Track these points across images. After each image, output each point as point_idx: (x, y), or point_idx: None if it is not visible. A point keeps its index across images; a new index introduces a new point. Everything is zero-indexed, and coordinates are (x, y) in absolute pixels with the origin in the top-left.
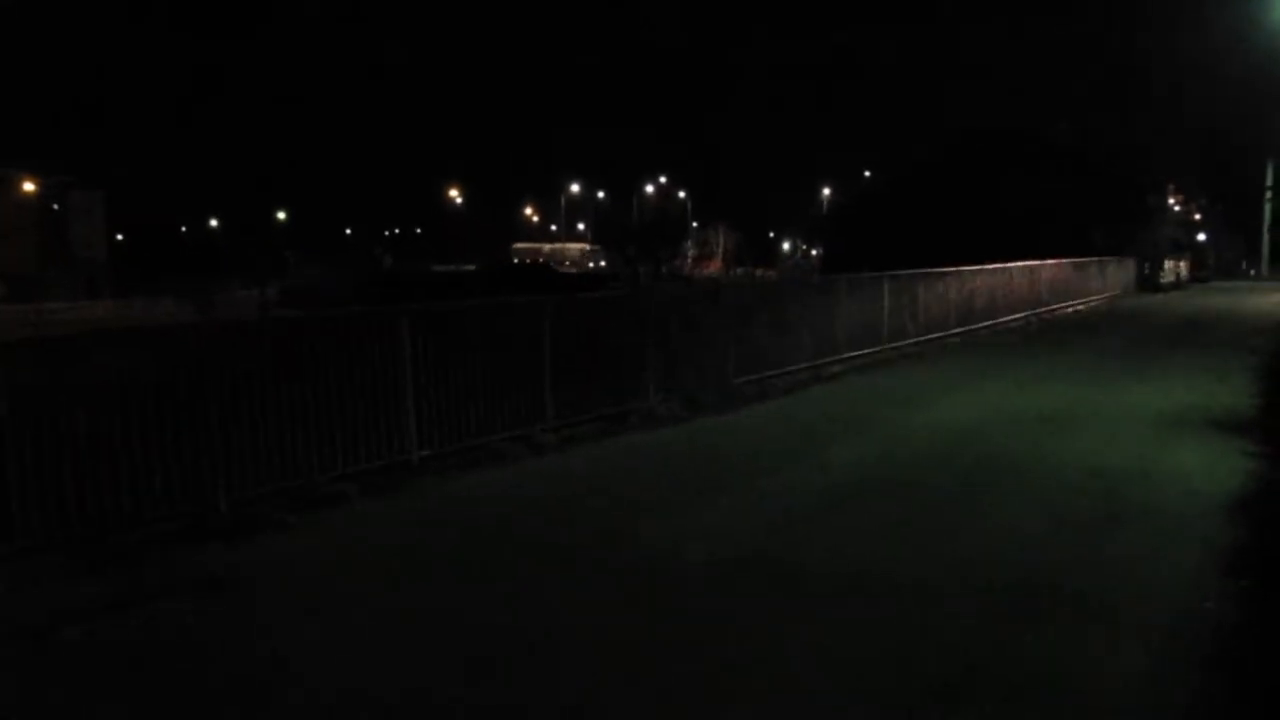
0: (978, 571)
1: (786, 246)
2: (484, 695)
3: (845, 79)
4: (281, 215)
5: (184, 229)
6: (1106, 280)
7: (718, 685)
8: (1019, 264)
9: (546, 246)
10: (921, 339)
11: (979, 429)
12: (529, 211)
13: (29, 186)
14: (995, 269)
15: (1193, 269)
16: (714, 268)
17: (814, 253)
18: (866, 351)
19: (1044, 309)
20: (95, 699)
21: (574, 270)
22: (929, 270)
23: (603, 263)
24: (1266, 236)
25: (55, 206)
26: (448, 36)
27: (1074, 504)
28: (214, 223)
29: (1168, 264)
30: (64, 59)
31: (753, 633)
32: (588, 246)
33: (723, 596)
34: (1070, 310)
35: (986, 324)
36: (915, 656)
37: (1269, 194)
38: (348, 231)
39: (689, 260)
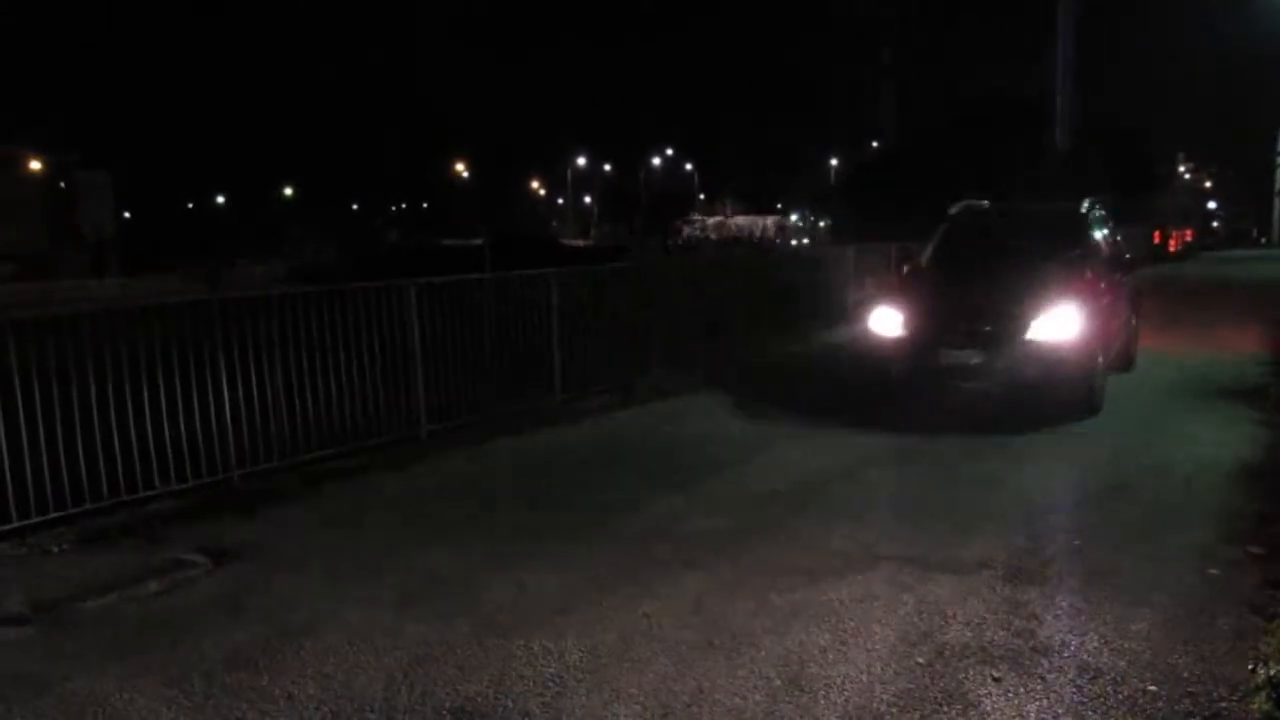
0: (980, 542)
1: (794, 218)
2: (488, 649)
3: (857, 45)
4: (288, 191)
5: (190, 205)
6: None
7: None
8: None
9: (738, 220)
10: None
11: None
12: (535, 185)
13: (36, 165)
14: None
15: (1202, 237)
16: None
17: (821, 224)
18: None
19: None
20: (119, 670)
21: (581, 244)
22: None
23: (804, 240)
24: (1277, 204)
25: (63, 185)
26: (451, 17)
27: (1079, 472)
28: (220, 199)
29: (1174, 233)
30: (69, 36)
31: (745, 601)
32: (771, 219)
33: (720, 563)
34: None
35: None
36: (931, 633)
37: None
38: (354, 207)
39: (697, 232)
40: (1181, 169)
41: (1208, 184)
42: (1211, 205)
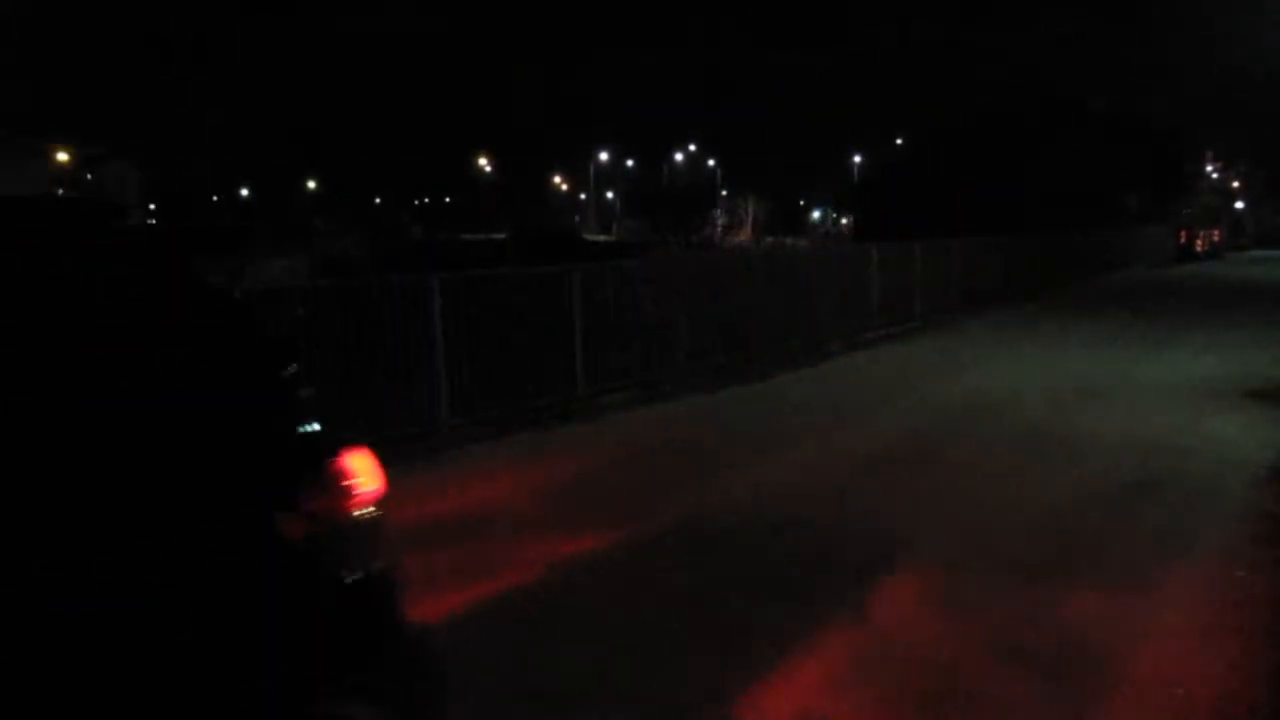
0: (1010, 540)
1: (817, 215)
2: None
3: (884, 40)
4: (312, 185)
5: (215, 198)
6: (1141, 248)
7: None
8: (1054, 233)
9: None
10: (957, 307)
11: (1012, 397)
12: (558, 180)
13: (62, 157)
14: (1028, 238)
15: (1229, 237)
16: (744, 237)
17: (844, 221)
18: (899, 319)
19: (1085, 275)
20: None
21: (604, 239)
22: (965, 238)
23: None
24: None
25: (89, 177)
26: (479, 7)
27: (1107, 471)
28: (245, 192)
29: (1201, 233)
30: (95, 29)
31: (776, 614)
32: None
33: (749, 563)
34: (1110, 277)
35: (1024, 289)
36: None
37: None
38: (377, 201)
39: (719, 229)
40: (1209, 169)
41: (1235, 184)
42: (1239, 205)
